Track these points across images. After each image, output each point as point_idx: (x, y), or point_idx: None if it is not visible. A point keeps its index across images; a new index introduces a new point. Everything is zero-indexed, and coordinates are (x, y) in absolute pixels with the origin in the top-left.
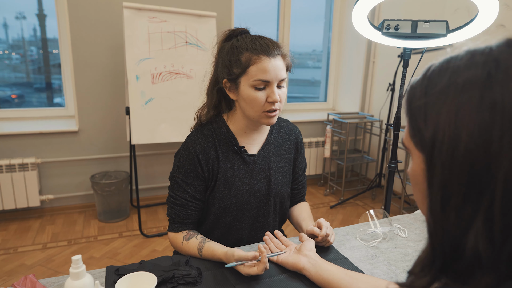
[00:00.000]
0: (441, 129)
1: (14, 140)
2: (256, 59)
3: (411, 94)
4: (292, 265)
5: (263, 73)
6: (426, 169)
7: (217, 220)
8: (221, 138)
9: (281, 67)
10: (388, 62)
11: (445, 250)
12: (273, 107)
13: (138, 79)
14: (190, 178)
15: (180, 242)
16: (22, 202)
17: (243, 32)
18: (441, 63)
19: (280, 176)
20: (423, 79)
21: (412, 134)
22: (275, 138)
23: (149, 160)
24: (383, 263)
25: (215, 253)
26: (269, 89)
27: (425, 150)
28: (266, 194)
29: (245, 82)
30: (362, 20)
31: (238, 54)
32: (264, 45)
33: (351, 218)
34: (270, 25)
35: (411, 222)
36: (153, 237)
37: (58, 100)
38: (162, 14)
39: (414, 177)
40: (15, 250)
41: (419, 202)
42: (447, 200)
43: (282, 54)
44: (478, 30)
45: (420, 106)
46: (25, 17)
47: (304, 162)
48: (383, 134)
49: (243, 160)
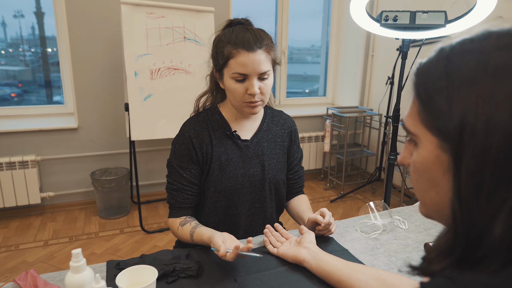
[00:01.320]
0: (472, 113)
1: (14, 138)
2: (235, 52)
3: (426, 75)
4: (293, 257)
5: (241, 67)
6: (451, 156)
7: (213, 205)
8: (215, 124)
9: (262, 61)
10: (387, 55)
11: (470, 238)
12: (252, 99)
13: (137, 75)
14: (185, 163)
15: (176, 227)
16: (23, 200)
17: (239, 23)
18: (459, 43)
19: (274, 162)
20: (439, 59)
21: (427, 118)
22: (268, 126)
23: (149, 156)
24: (383, 255)
25: (202, 237)
26: (248, 82)
27: (450, 136)
28: (261, 179)
29: (227, 74)
30: (360, 12)
31: (222, 46)
32: (245, 39)
33: (351, 212)
34: (269, 20)
35: (411, 214)
36: (154, 233)
37: (58, 98)
38: (160, 9)
39: (423, 165)
40: (16, 247)
41: (423, 191)
42: (479, 187)
43: (266, 48)
44: (477, 21)
45: (440, 88)
46: (23, 16)
47: (299, 152)
48: (383, 128)
49: (236, 144)
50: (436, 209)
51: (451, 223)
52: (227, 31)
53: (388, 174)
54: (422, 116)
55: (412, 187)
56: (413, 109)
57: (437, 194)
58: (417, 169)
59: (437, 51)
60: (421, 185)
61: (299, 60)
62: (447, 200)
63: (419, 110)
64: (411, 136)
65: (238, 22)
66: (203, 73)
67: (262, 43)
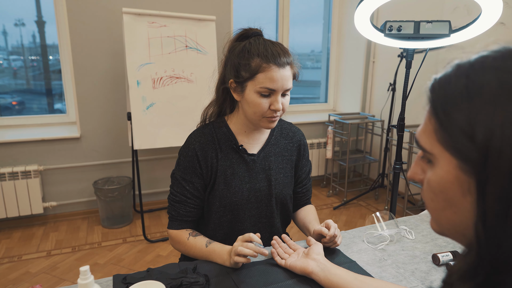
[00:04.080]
0: (497, 136)
1: (16, 148)
2: (266, 67)
3: (443, 93)
4: (301, 269)
5: (271, 82)
6: (473, 179)
7: (218, 220)
8: (221, 137)
9: (288, 77)
10: (388, 62)
11: (495, 264)
12: (274, 114)
13: (139, 84)
14: (188, 175)
15: (185, 237)
16: (26, 210)
17: (256, 33)
18: (478, 60)
19: (281, 177)
20: (458, 77)
21: (445, 138)
22: (277, 139)
23: (152, 165)
24: (391, 266)
25: (223, 246)
26: (274, 97)
27: (472, 159)
28: (267, 194)
29: (252, 87)
30: (364, 22)
31: (249, 58)
32: (275, 53)
33: (354, 219)
34: (269, 27)
35: (417, 224)
36: (157, 242)
37: (59, 106)
38: (162, 18)
39: (441, 185)
40: (19, 258)
41: (438, 210)
42: (506, 212)
43: (291, 64)
44: (481, 30)
45: (461, 108)
46: (24, 24)
47: (308, 165)
48: (385, 134)
49: (243, 159)
50: (452, 228)
51: (475, 247)
52: (248, 43)
53: (394, 183)
54: (440, 135)
55: (425, 205)
56: (429, 127)
57: (455, 214)
58: (432, 188)
59: (454, 67)
60: (436, 204)
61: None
62: (467, 221)
63: (436, 128)
64: (426, 154)
65: (256, 32)
66: (205, 81)
67: (290, 59)
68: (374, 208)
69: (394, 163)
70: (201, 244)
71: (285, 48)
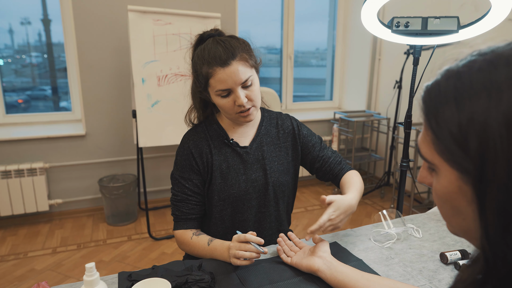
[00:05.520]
0: (491, 149)
1: (22, 145)
2: (211, 71)
3: (434, 104)
4: (307, 266)
5: (221, 83)
6: (473, 191)
7: (219, 214)
8: (213, 133)
9: (239, 71)
10: (394, 59)
11: (502, 276)
12: (243, 108)
13: (144, 82)
14: (186, 173)
15: (189, 237)
16: (31, 207)
17: (210, 35)
18: (465, 64)
19: (276, 165)
20: (447, 81)
21: (443, 150)
22: (267, 129)
23: (157, 163)
24: (398, 265)
25: (223, 244)
26: (234, 94)
27: (470, 171)
28: (264, 183)
29: (212, 92)
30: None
31: (200, 68)
32: (216, 55)
33: (360, 218)
34: (274, 24)
35: (424, 222)
36: (162, 240)
37: (64, 103)
38: (167, 16)
39: (445, 195)
40: (25, 255)
41: (449, 216)
42: (507, 226)
43: (241, 57)
44: (490, 26)
45: (453, 120)
46: (30, 23)
47: (314, 138)
48: (391, 132)
49: (236, 152)
50: (464, 232)
51: (482, 258)
52: (199, 49)
53: (401, 181)
54: (437, 147)
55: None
56: (427, 138)
57: (464, 221)
58: (439, 196)
59: (443, 73)
60: (445, 211)
61: (304, 63)
62: (475, 227)
63: (433, 139)
64: (429, 164)
65: (209, 35)
66: None
67: (235, 53)
68: (380, 206)
69: (401, 161)
70: (204, 243)
71: (233, 43)
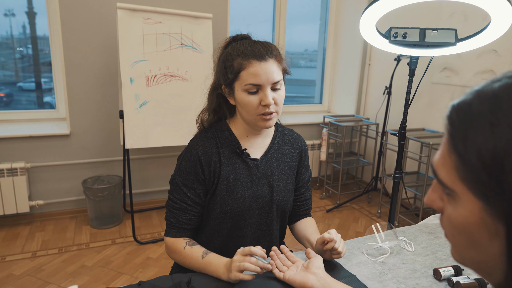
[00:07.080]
0: None
1: (3, 144)
2: (246, 63)
3: (464, 126)
4: (300, 283)
5: (254, 77)
6: (503, 226)
7: (217, 226)
8: (224, 141)
9: (273, 70)
10: (384, 64)
11: None
12: (267, 110)
13: (132, 82)
14: (190, 181)
15: (181, 246)
16: (11, 208)
17: (243, 38)
18: (502, 86)
19: (283, 183)
20: (480, 102)
21: (469, 179)
22: (279, 145)
23: (143, 164)
24: (392, 281)
25: (220, 258)
26: (262, 92)
27: (501, 207)
28: (269, 201)
29: (239, 87)
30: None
31: (231, 60)
32: (255, 50)
33: (347, 222)
34: (266, 25)
35: (416, 235)
36: (147, 244)
37: (48, 99)
38: (157, 15)
39: (462, 225)
40: (3, 259)
41: (461, 247)
42: None
43: (276, 57)
44: (489, 40)
45: (485, 140)
46: (14, 15)
47: (307, 173)
48: (379, 138)
49: (246, 163)
50: (476, 266)
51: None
52: (234, 45)
53: (393, 192)
54: (462, 173)
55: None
56: (448, 161)
57: (480, 254)
58: (454, 226)
59: (473, 93)
60: (459, 241)
61: (293, 64)
62: (494, 264)
63: (457, 165)
64: (446, 190)
65: (242, 37)
66: (200, 80)
67: (272, 53)
68: (367, 211)
69: (394, 172)
70: (197, 255)
71: (270, 45)
